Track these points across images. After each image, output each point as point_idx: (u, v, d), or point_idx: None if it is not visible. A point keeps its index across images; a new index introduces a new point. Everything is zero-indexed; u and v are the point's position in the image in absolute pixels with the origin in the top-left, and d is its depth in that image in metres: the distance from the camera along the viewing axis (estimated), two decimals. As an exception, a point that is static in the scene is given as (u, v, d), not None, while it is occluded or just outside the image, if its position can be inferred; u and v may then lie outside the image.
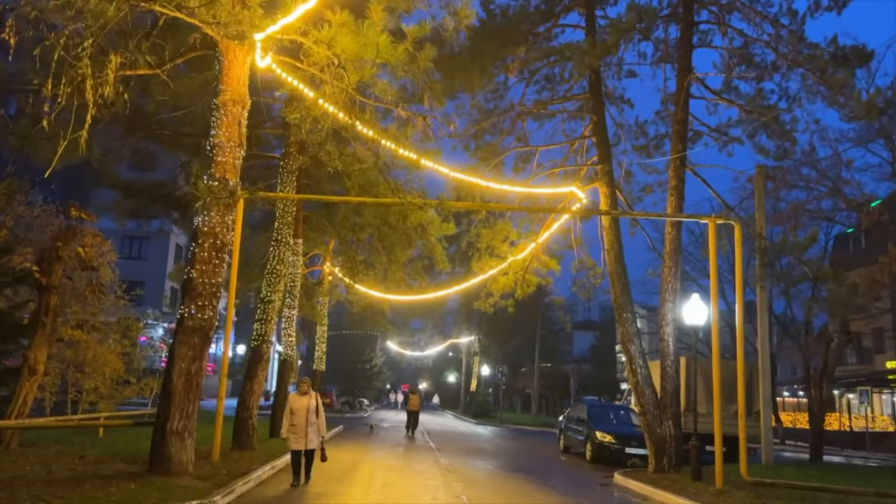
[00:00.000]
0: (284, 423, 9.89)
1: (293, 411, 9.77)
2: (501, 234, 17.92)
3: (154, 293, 39.80)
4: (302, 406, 9.72)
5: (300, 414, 9.65)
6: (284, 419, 9.95)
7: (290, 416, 9.82)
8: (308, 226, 21.43)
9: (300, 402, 9.67)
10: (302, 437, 9.62)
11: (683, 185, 15.47)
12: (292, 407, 9.83)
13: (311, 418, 9.68)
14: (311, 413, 9.74)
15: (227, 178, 10.35)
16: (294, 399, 9.90)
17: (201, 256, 10.18)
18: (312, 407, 9.75)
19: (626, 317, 15.15)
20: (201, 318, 10.07)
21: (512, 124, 19.04)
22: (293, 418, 9.76)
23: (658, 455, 14.26)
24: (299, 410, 9.66)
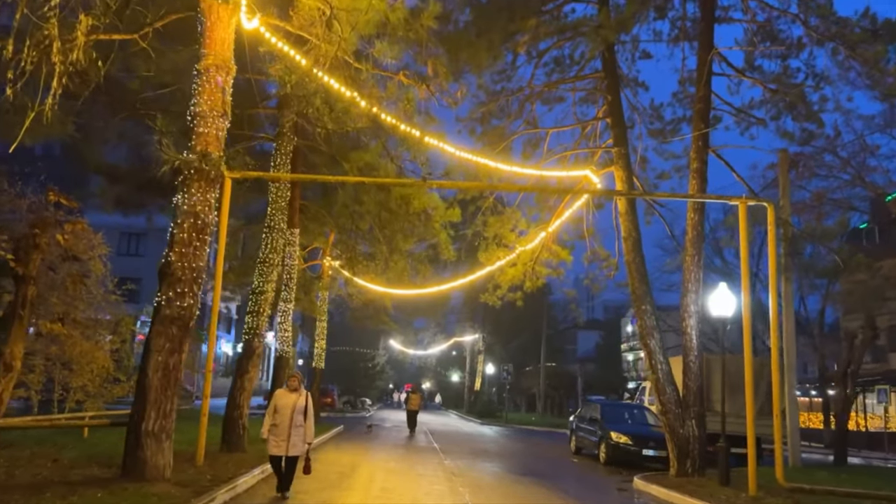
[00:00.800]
0: (266, 422, 8.50)
1: (277, 409, 8.37)
2: (510, 223, 16.88)
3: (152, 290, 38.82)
4: (288, 404, 8.34)
5: (284, 413, 8.25)
6: (266, 417, 8.58)
7: (273, 414, 8.45)
8: (306, 216, 20.43)
9: (286, 400, 8.35)
10: (284, 440, 8.20)
11: (706, 167, 14.41)
12: (277, 404, 8.42)
13: (296, 419, 8.24)
14: (298, 413, 8.27)
15: (209, 150, 9.35)
16: (280, 396, 8.51)
17: (180, 238, 9.18)
18: (300, 406, 8.31)
19: (644, 309, 14.10)
20: (180, 307, 9.06)
21: (520, 107, 17.98)
22: (276, 417, 8.37)
23: (681, 457, 13.21)
24: (284, 409, 8.29)
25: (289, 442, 8.24)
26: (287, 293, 17.86)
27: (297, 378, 8.59)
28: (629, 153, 15.65)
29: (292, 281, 17.90)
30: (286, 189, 13.98)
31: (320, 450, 16.76)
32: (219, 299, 11.04)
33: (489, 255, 17.21)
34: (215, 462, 11.54)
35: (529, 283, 18.11)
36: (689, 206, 14.24)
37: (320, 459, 14.63)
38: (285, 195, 13.98)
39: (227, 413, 13.27)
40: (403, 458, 16.22)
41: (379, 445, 19.37)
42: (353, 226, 18.10)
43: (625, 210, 14.87)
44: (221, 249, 11.22)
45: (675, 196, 14.12)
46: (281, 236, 13.95)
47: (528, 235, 17.63)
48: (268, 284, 13.67)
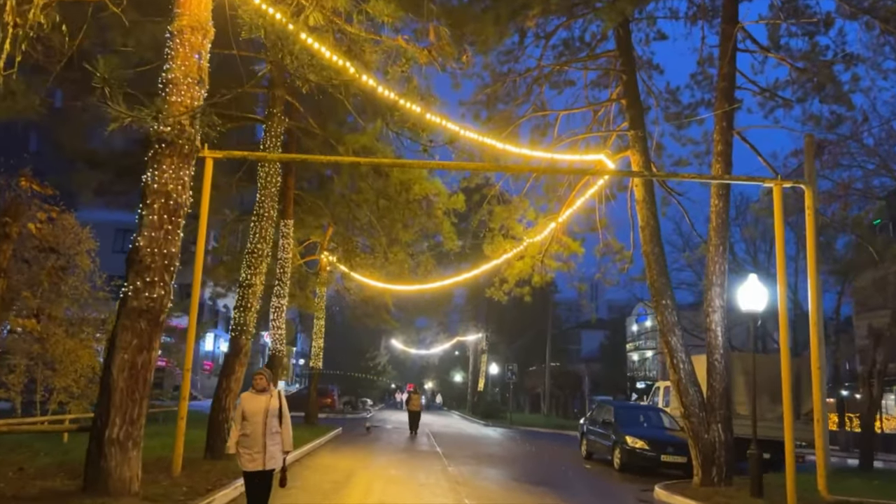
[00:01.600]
0: (233, 433, 6.94)
1: (246, 416, 6.87)
2: (517, 213, 15.82)
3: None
4: (258, 409, 6.85)
5: (255, 420, 6.82)
6: (234, 426, 7.01)
7: (241, 422, 6.92)
8: (301, 208, 19.39)
9: (255, 404, 6.87)
10: (258, 451, 6.74)
11: (731, 150, 13.31)
12: (245, 410, 6.90)
13: (271, 425, 6.82)
14: (272, 418, 6.85)
15: (181, 122, 8.29)
16: (247, 400, 6.98)
17: (150, 220, 8.12)
18: (273, 409, 6.86)
19: (665, 304, 13.01)
20: (149, 298, 8.00)
21: (528, 90, 16.92)
22: (245, 426, 6.85)
23: (706, 465, 12.11)
24: (254, 415, 6.83)
25: (265, 454, 6.75)
26: (280, 288, 16.81)
27: (264, 376, 7.03)
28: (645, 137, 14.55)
29: (286, 275, 16.86)
30: (276, 174, 12.92)
31: (315, 455, 15.72)
32: (198, 290, 9.98)
33: (495, 248, 16.14)
34: (196, 471, 10.50)
35: (538, 278, 17.06)
36: (713, 192, 13.15)
37: (314, 466, 13.58)
38: (275, 181, 12.92)
39: (212, 416, 12.23)
40: (404, 463, 15.15)
41: (379, 449, 18.30)
42: (351, 216, 17.01)
43: (642, 197, 13.78)
44: (202, 235, 10.17)
45: (701, 178, 12.99)
46: (271, 225, 12.89)
47: (536, 227, 16.57)
48: (256, 277, 12.62)
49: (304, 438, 17.83)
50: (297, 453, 14.76)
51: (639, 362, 62.77)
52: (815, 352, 10.05)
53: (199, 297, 30.79)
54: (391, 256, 17.32)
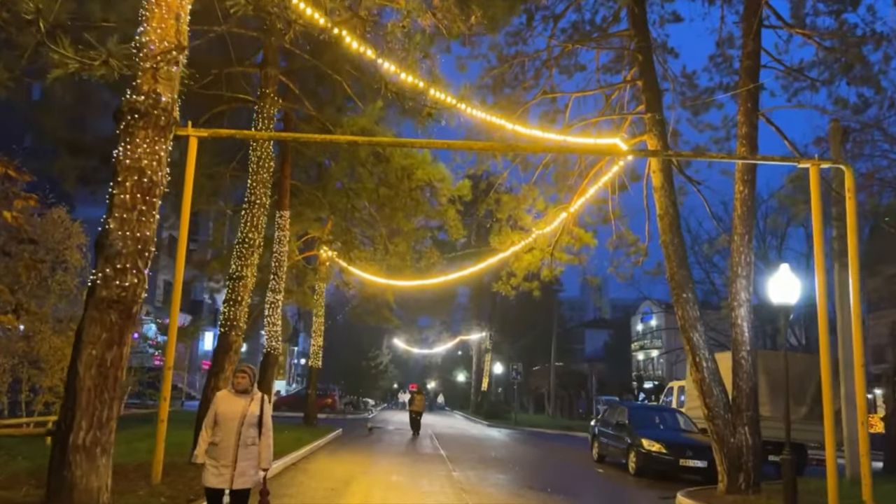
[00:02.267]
0: (201, 440, 5.76)
1: (218, 420, 5.67)
2: (526, 203, 14.95)
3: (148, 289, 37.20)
4: (234, 413, 5.63)
5: (229, 426, 5.60)
6: (202, 433, 5.79)
7: (211, 427, 5.73)
8: (299, 200, 18.51)
9: (232, 406, 5.68)
10: (227, 465, 5.53)
11: (756, 132, 12.42)
12: (218, 412, 5.70)
13: (246, 435, 5.61)
14: (249, 427, 5.63)
15: (157, 91, 7.43)
16: (223, 400, 5.78)
17: (121, 200, 7.25)
18: (253, 416, 5.66)
19: (685, 297, 12.12)
20: (120, 287, 7.13)
21: (536, 74, 16.07)
22: (217, 432, 5.65)
23: (732, 470, 11.22)
24: (229, 419, 5.62)
25: (234, 469, 5.51)
26: (276, 283, 15.96)
27: (249, 374, 5.81)
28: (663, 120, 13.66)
29: (282, 269, 16.00)
30: (269, 158, 12.05)
31: (312, 458, 14.86)
32: (181, 280, 9.12)
33: (502, 239, 15.27)
34: (179, 478, 9.63)
35: (547, 272, 16.18)
36: (738, 178, 12.26)
37: (310, 470, 12.72)
38: (268, 165, 12.05)
39: (199, 418, 11.33)
40: (406, 467, 14.28)
41: (380, 452, 17.44)
42: (349, 205, 16.12)
43: (660, 184, 12.89)
44: (185, 222, 9.31)
45: (731, 158, 12.02)
46: (263, 213, 12.03)
47: (545, 217, 15.69)
48: (247, 269, 11.75)
49: (301, 440, 16.97)
50: (293, 456, 13.92)
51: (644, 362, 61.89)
52: (857, 347, 9.15)
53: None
54: (392, 248, 16.44)
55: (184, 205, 9.38)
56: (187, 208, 9.43)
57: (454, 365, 66.86)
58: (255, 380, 5.94)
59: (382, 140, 9.96)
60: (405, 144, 9.89)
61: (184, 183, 9.30)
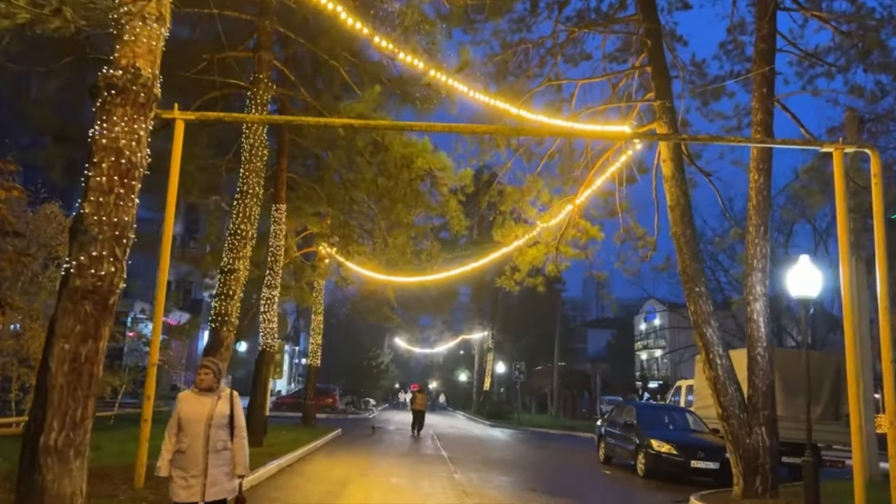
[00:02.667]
0: (164, 450, 5.06)
1: (183, 425, 5.03)
2: (531, 194, 14.39)
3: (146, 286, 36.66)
4: (200, 415, 4.99)
5: (195, 430, 4.96)
6: (165, 441, 5.08)
7: (175, 432, 5.07)
8: (297, 194, 17.99)
9: (196, 408, 5.03)
10: (196, 474, 4.91)
11: (772, 119, 11.87)
12: (182, 416, 5.05)
13: (216, 439, 4.97)
14: (219, 428, 4.99)
15: (137, 66, 6.90)
16: (186, 401, 5.12)
17: (97, 183, 6.72)
18: (221, 417, 5.01)
19: (698, 291, 11.57)
20: (95, 276, 6.61)
21: (541, 62, 15.54)
22: (182, 438, 5.00)
23: (748, 473, 10.67)
24: (194, 423, 4.98)
25: (206, 478, 4.87)
26: (272, 278, 15.43)
27: (212, 369, 5.14)
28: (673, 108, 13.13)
29: (278, 264, 15.48)
30: (262, 146, 11.54)
31: (309, 460, 14.33)
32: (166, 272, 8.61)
33: (506, 233, 14.74)
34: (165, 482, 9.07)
35: (552, 267, 15.64)
36: (753, 166, 11.72)
37: (306, 473, 12.19)
38: (261, 153, 11.53)
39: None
40: (407, 469, 13.75)
41: (380, 453, 16.91)
42: (347, 197, 15.58)
43: (671, 174, 12.34)
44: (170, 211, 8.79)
45: (749, 142, 11.35)
46: (256, 203, 11.51)
47: (550, 210, 15.16)
48: (240, 262, 11.22)
49: (299, 441, 16.47)
50: (289, 457, 13.39)
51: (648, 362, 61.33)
52: (885, 343, 8.59)
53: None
54: (391, 241, 15.89)
55: (169, 193, 8.86)
56: (173, 197, 8.91)
57: (456, 364, 66.35)
58: (220, 375, 5.29)
59: (380, 123, 9.44)
60: (405, 128, 9.37)
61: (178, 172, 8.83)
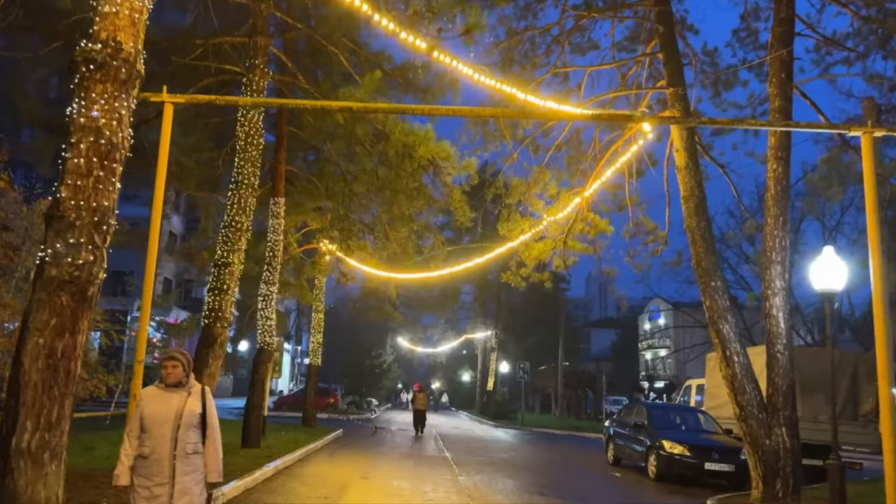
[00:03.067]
0: (123, 455, 4.42)
1: (146, 425, 4.39)
2: (537, 186, 13.89)
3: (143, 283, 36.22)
4: (166, 413, 4.39)
5: (160, 431, 4.35)
6: (124, 444, 4.47)
7: (137, 434, 4.44)
8: (296, 188, 17.53)
9: (162, 405, 4.43)
10: (162, 482, 4.29)
11: (791, 105, 11.36)
12: (145, 415, 4.41)
13: (185, 441, 4.37)
14: (188, 429, 4.39)
15: (118, 39, 6.43)
16: (150, 399, 4.49)
17: (74, 165, 6.25)
18: (191, 416, 4.42)
19: (714, 286, 11.06)
20: (73, 265, 6.13)
21: (547, 51, 15.08)
22: (145, 441, 4.37)
23: (768, 476, 10.16)
24: (159, 423, 4.37)
25: (173, 486, 4.26)
26: (270, 274, 14.96)
27: (181, 361, 4.53)
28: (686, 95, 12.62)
29: (276, 259, 15.00)
30: (258, 134, 11.06)
31: (308, 462, 13.85)
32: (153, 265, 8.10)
33: (512, 227, 14.23)
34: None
35: (559, 262, 15.13)
36: (771, 155, 11.20)
37: (303, 476, 11.70)
38: (257, 142, 11.06)
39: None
40: (409, 471, 13.26)
41: (381, 454, 16.42)
42: (347, 189, 15.08)
43: (684, 164, 11.84)
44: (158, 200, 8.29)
45: (772, 125, 10.78)
46: (251, 194, 11.03)
47: (557, 204, 14.66)
48: (234, 255, 10.74)
49: (297, 442, 16.00)
50: (287, 459, 12.92)
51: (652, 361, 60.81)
52: None
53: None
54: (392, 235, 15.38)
55: (157, 181, 8.33)
56: (161, 186, 8.38)
57: (459, 364, 65.86)
58: (190, 368, 4.66)
59: (381, 106, 8.96)
60: (406, 111, 8.89)
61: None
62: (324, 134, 13.99)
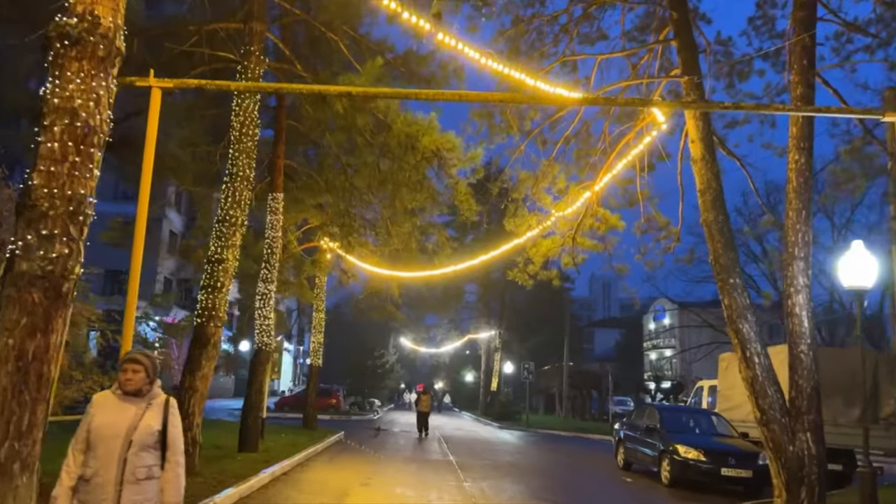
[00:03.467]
0: (63, 474, 3.66)
1: (92, 439, 3.64)
2: (545, 180, 13.35)
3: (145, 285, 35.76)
4: (117, 427, 3.64)
5: (108, 446, 3.60)
6: (67, 460, 3.69)
7: (82, 448, 3.67)
8: (296, 184, 17.02)
9: (114, 418, 3.68)
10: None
11: (813, 93, 10.81)
12: (92, 427, 3.67)
13: (136, 464, 3.59)
14: (143, 449, 3.64)
15: (95, 13, 5.91)
16: (101, 407, 3.74)
17: (48, 149, 5.73)
18: (147, 432, 3.68)
19: (733, 283, 10.50)
20: (45, 258, 5.61)
21: (555, 40, 14.53)
22: (89, 460, 3.62)
23: (792, 483, 9.60)
24: (108, 438, 3.62)
25: None
26: (268, 272, 14.45)
27: (144, 365, 3.77)
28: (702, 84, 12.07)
29: (274, 257, 14.49)
30: (253, 124, 10.55)
31: (307, 466, 13.33)
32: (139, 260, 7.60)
33: (519, 222, 13.70)
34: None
35: (568, 259, 14.60)
36: (792, 145, 10.64)
37: (301, 482, 11.18)
38: (252, 132, 10.54)
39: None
40: (412, 476, 12.74)
41: (384, 458, 15.90)
42: (348, 183, 14.54)
43: (700, 155, 11.27)
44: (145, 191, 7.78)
45: (799, 111, 10.11)
46: (246, 187, 10.52)
47: (566, 199, 14.13)
48: (228, 251, 10.23)
49: (297, 445, 15.50)
50: (285, 465, 12.39)
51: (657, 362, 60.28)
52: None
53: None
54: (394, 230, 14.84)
55: (144, 171, 7.81)
56: (148, 175, 7.86)
57: (462, 364, 65.38)
58: (155, 375, 3.84)
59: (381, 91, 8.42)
60: (409, 96, 8.36)
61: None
62: (323, 125, 13.47)
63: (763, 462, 12.09)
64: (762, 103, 12.68)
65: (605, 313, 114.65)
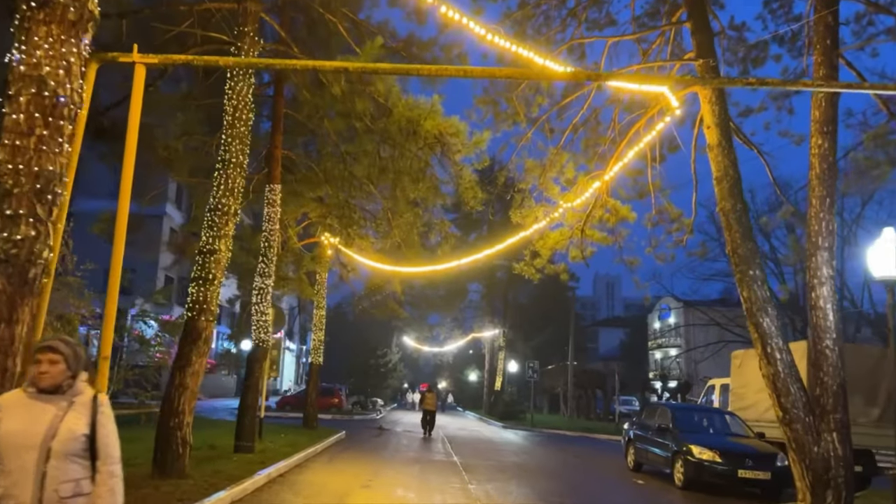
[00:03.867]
0: None
1: (1, 451, 2.82)
2: (553, 170, 12.81)
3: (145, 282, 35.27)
4: (30, 435, 2.84)
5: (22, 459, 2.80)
6: None
7: None
8: (295, 177, 16.49)
9: (26, 423, 2.85)
10: None
11: (837, 74, 10.26)
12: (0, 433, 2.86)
13: (58, 478, 2.82)
14: (65, 459, 2.85)
15: (66, -28, 5.40)
16: (10, 409, 2.90)
17: (13, 121, 5.25)
18: (69, 439, 2.88)
19: (752, 275, 9.96)
20: (9, 241, 5.12)
21: (562, 25, 14.04)
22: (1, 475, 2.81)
23: (817, 486, 9.06)
24: (19, 448, 2.81)
25: None
26: (266, 266, 13.94)
27: (63, 354, 2.96)
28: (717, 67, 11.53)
29: (271, 250, 13.98)
30: (247, 108, 10.03)
31: (306, 467, 12.81)
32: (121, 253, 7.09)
33: (525, 213, 13.17)
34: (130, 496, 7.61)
35: (576, 252, 14.06)
36: (816, 129, 10.10)
37: (299, 484, 10.65)
38: (246, 117, 10.03)
39: (162, 422, 9.33)
40: (415, 479, 12.21)
41: (386, 459, 15.37)
42: (347, 172, 14.01)
43: (716, 142, 10.73)
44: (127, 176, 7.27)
45: (832, 87, 9.26)
46: (240, 175, 10.01)
47: (574, 189, 13.60)
48: (221, 241, 9.72)
49: (296, 445, 14.98)
50: (282, 466, 11.87)
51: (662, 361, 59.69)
52: None
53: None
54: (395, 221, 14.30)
55: (126, 154, 7.30)
56: (131, 159, 7.29)
57: (466, 363, 64.84)
58: (78, 366, 3.04)
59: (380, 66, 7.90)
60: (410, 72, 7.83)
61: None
62: (322, 112, 12.96)
63: (781, 463, 11.55)
64: (789, 80, 12.11)
65: (608, 313, 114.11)
